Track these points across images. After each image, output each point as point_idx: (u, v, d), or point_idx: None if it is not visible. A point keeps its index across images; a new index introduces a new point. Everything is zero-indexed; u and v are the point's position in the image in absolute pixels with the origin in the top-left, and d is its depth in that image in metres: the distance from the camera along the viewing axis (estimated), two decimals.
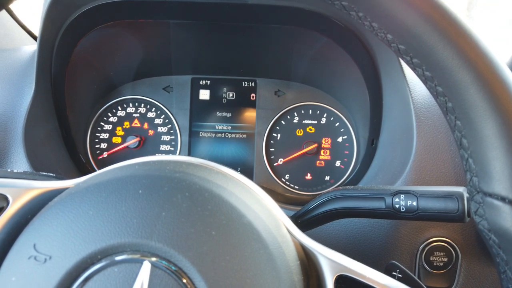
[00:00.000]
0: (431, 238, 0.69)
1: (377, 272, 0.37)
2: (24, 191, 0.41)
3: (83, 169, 1.00)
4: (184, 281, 0.30)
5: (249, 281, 0.32)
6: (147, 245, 0.32)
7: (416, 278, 0.45)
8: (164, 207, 0.33)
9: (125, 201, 0.34)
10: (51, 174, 0.60)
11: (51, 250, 0.32)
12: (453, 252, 0.69)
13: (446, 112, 0.35)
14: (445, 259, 0.69)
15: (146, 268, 0.31)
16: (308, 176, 1.03)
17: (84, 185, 0.37)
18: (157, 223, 0.32)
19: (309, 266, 0.38)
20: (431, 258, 0.69)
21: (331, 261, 0.37)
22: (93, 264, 0.31)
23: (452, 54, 0.31)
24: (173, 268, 0.31)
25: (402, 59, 0.36)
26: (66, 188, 0.40)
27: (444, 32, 0.31)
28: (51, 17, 0.79)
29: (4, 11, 1.18)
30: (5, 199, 0.40)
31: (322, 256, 0.38)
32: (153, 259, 0.31)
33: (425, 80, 0.35)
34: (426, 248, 0.69)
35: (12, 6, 1.19)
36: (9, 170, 0.56)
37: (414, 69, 0.36)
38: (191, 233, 0.32)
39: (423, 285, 0.44)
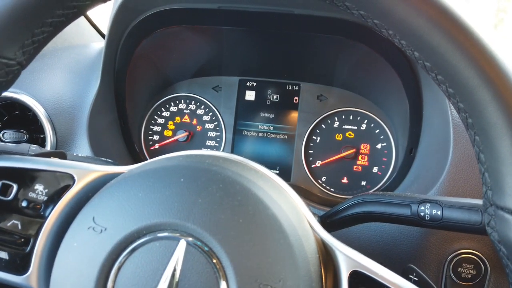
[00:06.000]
0: (461, 249, 0.69)
1: (391, 272, 0.39)
2: (87, 172, 0.47)
3: (137, 157, 1.08)
4: (214, 261, 0.35)
5: (269, 265, 0.36)
6: (184, 226, 0.36)
7: (433, 284, 0.47)
8: (200, 195, 0.38)
9: (168, 187, 0.39)
10: (109, 160, 0.68)
11: (106, 223, 0.38)
12: (482, 266, 0.68)
13: (467, 128, 0.37)
14: (474, 272, 0.68)
15: (182, 246, 0.35)
16: (345, 180, 1.05)
17: (136, 171, 0.43)
18: (194, 208, 0.37)
19: (327, 259, 0.42)
20: (459, 269, 0.69)
21: (347, 257, 0.40)
22: (139, 237, 0.37)
23: (472, 73, 0.33)
24: (206, 248, 0.35)
25: (428, 75, 0.38)
26: (122, 173, 0.47)
27: (466, 51, 0.32)
28: (117, 20, 0.87)
29: None
30: (72, 178, 0.47)
31: (339, 252, 0.41)
32: (189, 238, 0.36)
33: (448, 96, 0.37)
34: (455, 259, 0.69)
35: None
36: (74, 154, 0.65)
37: (439, 85, 0.38)
38: (222, 219, 0.37)
39: None
